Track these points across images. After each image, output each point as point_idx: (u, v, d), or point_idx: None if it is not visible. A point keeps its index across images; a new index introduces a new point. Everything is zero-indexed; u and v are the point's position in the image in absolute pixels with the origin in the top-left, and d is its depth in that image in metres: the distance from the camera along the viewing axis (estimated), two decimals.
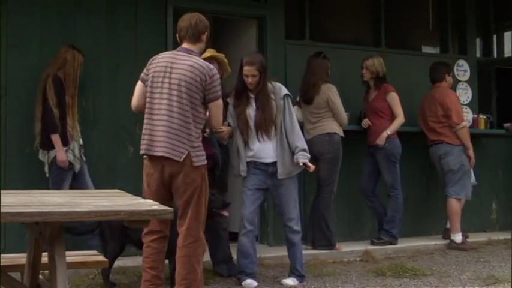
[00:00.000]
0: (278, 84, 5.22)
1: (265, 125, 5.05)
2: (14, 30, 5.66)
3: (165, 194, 4.22)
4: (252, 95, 5.12)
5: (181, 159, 4.12)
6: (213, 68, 4.26)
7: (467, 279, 5.45)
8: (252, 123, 5.08)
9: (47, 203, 3.25)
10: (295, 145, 5.11)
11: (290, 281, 5.22)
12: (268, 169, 5.12)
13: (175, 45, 6.21)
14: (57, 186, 5.38)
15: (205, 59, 4.88)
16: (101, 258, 4.20)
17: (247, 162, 5.12)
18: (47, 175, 5.48)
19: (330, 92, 6.27)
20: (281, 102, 5.12)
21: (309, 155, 5.17)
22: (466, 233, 7.05)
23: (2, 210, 2.81)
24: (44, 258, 3.45)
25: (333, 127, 6.28)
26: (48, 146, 5.39)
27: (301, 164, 5.10)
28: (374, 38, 7.71)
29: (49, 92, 5.37)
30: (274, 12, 6.81)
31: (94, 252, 4.41)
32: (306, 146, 5.17)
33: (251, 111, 5.10)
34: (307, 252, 5.78)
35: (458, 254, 6.61)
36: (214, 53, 5.41)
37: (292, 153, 5.11)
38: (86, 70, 5.77)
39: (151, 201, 3.40)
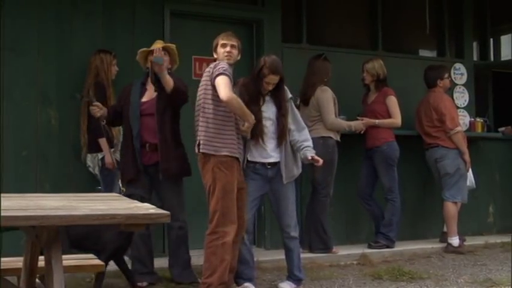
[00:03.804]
0: (285, 87, 5.13)
1: (285, 131, 5.02)
2: (11, 32, 5.65)
3: None
4: (267, 98, 5.03)
5: (197, 151, 4.71)
6: (214, 62, 4.78)
7: (464, 283, 5.45)
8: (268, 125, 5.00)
9: (44, 207, 3.24)
10: (302, 141, 5.04)
11: (286, 285, 5.19)
12: (267, 173, 5.05)
13: None
14: (109, 187, 5.49)
15: (155, 49, 5.02)
16: (97, 262, 4.20)
17: (247, 165, 5.03)
18: (98, 177, 5.62)
19: (322, 94, 6.27)
20: (287, 105, 5.08)
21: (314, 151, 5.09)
22: (463, 236, 7.05)
23: None
24: (41, 262, 3.43)
25: (328, 131, 6.28)
26: (96, 149, 5.57)
27: (309, 158, 5.00)
28: (371, 41, 7.71)
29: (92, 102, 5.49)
30: (271, 16, 6.82)
31: (90, 256, 4.40)
32: (311, 144, 5.10)
33: (266, 114, 5.00)
34: (304, 255, 5.76)
35: (455, 257, 6.60)
36: (164, 44, 5.27)
37: (293, 154, 5.06)
38: (83, 73, 5.76)
39: (148, 204, 3.40)
